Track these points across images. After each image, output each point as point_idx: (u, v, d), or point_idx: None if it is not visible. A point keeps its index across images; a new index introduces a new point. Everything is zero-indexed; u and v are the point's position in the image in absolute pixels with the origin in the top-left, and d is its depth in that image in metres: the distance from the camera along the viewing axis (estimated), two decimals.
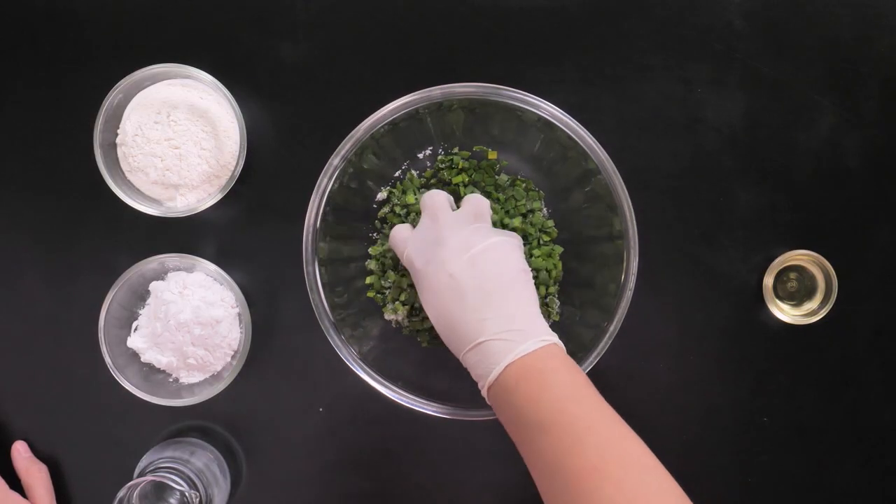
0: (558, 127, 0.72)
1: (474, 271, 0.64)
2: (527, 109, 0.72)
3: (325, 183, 0.72)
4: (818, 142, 0.82)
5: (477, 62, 0.82)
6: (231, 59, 0.81)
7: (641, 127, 0.82)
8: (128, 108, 0.79)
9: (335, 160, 0.72)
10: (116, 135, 0.79)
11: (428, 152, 0.80)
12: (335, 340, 0.72)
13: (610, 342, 0.72)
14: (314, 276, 0.72)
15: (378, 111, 0.71)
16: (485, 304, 0.63)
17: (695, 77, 0.81)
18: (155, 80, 0.79)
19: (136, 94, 0.79)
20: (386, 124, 0.72)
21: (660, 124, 0.82)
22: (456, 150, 0.80)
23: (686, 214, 0.82)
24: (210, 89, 0.78)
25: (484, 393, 0.63)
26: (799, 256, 0.81)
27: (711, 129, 0.82)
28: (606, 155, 0.71)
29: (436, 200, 0.69)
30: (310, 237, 0.72)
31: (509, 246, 0.66)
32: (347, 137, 0.72)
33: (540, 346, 0.61)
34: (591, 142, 0.71)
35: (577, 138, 0.71)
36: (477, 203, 0.70)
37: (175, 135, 0.77)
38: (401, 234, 0.70)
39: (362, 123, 0.72)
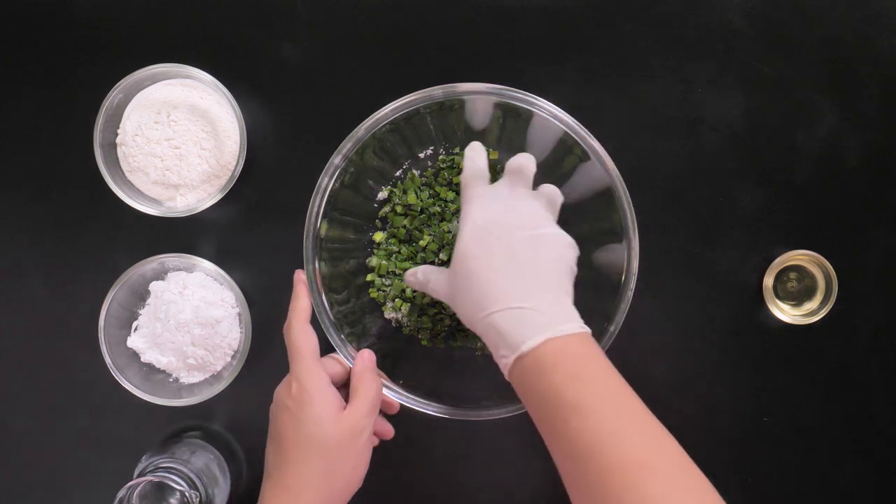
0: (560, 128, 0.72)
1: (535, 245, 0.64)
2: (528, 109, 0.72)
3: (327, 182, 0.72)
4: (818, 142, 0.82)
5: (477, 62, 0.82)
6: (231, 59, 0.81)
7: (641, 127, 0.82)
8: (128, 108, 0.79)
9: (336, 159, 0.72)
10: (116, 135, 0.79)
11: (429, 152, 0.80)
12: (335, 339, 0.72)
13: (610, 342, 0.72)
14: (314, 274, 0.72)
15: (380, 110, 0.71)
16: (533, 275, 0.62)
17: (695, 77, 0.81)
18: (155, 80, 0.79)
19: (136, 94, 0.79)
20: (387, 123, 0.72)
21: (660, 124, 0.82)
22: (457, 149, 0.80)
23: (686, 214, 0.82)
24: (210, 89, 0.78)
25: (508, 361, 0.61)
26: (799, 256, 0.81)
27: (711, 129, 0.82)
28: (608, 156, 0.71)
29: (524, 169, 0.68)
30: (310, 236, 0.72)
31: (571, 245, 0.67)
32: (349, 136, 0.72)
33: (580, 329, 0.61)
34: (593, 143, 0.71)
35: (578, 139, 0.71)
36: (554, 194, 0.69)
37: (175, 135, 0.77)
38: (478, 181, 0.68)
39: (364, 122, 0.72)
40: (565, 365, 0.59)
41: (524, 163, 0.68)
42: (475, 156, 0.70)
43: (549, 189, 0.70)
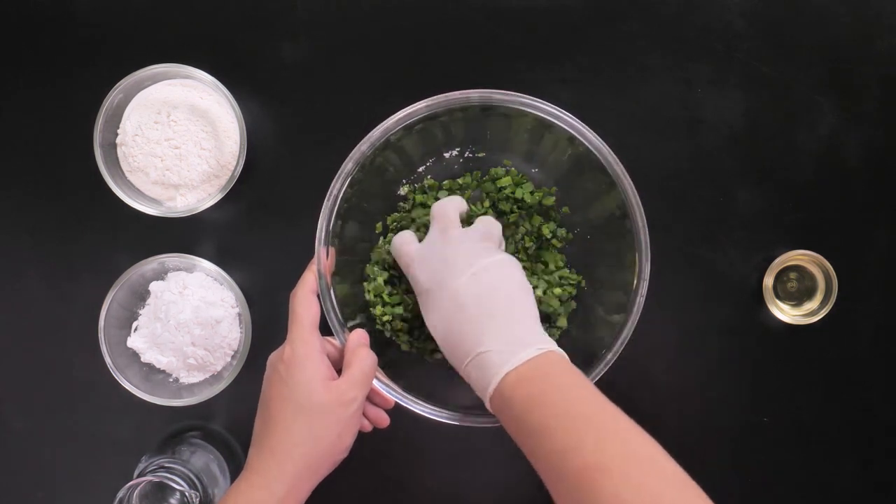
0: (582, 143, 0.71)
1: (476, 287, 0.65)
2: (556, 124, 0.71)
3: (351, 167, 0.71)
4: (818, 142, 0.82)
5: (477, 62, 0.82)
6: (231, 59, 0.81)
7: (641, 127, 0.82)
8: (128, 108, 0.79)
9: (364, 146, 0.71)
10: (116, 135, 0.79)
11: (454, 153, 0.79)
12: (335, 325, 0.71)
13: (623, 347, 0.71)
14: (321, 258, 0.70)
15: (413, 105, 0.70)
16: (485, 317, 0.64)
17: (695, 77, 0.81)
18: (155, 80, 0.79)
19: (136, 94, 0.79)
20: (418, 120, 0.71)
21: (660, 124, 0.82)
22: (482, 154, 0.79)
23: (686, 214, 0.82)
24: (210, 89, 0.78)
25: (487, 405, 0.63)
26: (799, 256, 0.81)
27: (711, 129, 0.82)
28: (623, 169, 0.71)
29: (448, 212, 0.70)
30: (326, 215, 0.70)
31: (511, 264, 0.68)
32: (377, 127, 0.70)
33: (536, 353, 0.61)
34: (608, 155, 0.70)
35: (596, 151, 0.70)
36: (489, 224, 0.71)
37: (175, 135, 0.78)
38: (407, 248, 0.71)
39: (396, 114, 0.70)
40: (522, 392, 0.60)
41: (446, 207, 0.70)
42: (400, 239, 0.72)
43: (484, 222, 0.71)
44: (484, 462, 0.82)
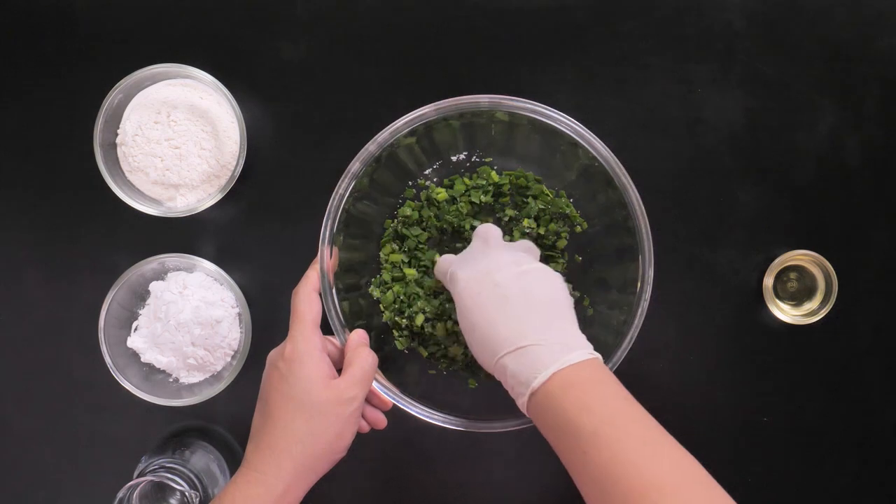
0: (589, 151, 0.71)
1: (521, 284, 0.64)
2: (564, 132, 0.71)
3: (358, 167, 0.71)
4: (818, 142, 0.82)
5: (477, 62, 0.82)
6: (231, 59, 0.81)
7: (641, 127, 0.82)
8: (128, 108, 0.79)
9: (371, 146, 0.71)
10: (116, 135, 0.79)
11: (462, 156, 0.79)
12: (335, 323, 0.71)
13: (628, 349, 0.71)
14: (324, 257, 0.70)
15: (422, 108, 0.70)
16: (529, 312, 0.63)
17: (695, 77, 0.81)
18: (155, 80, 0.79)
19: (136, 94, 0.79)
20: (425, 123, 0.71)
21: (660, 124, 0.82)
22: (489, 159, 0.79)
23: (686, 214, 0.82)
24: (210, 89, 0.78)
25: (523, 400, 0.61)
26: (799, 256, 0.81)
27: (711, 129, 0.82)
28: (630, 180, 0.71)
29: (490, 230, 0.71)
30: (331, 214, 0.70)
31: (555, 274, 0.67)
32: (385, 128, 0.71)
33: (587, 357, 0.61)
34: (615, 166, 0.71)
35: (604, 161, 0.71)
36: (530, 245, 0.72)
37: (175, 135, 0.77)
38: (447, 259, 0.71)
39: (404, 116, 0.70)
40: (575, 394, 0.58)
41: (488, 227, 0.71)
42: (442, 259, 0.72)
43: (525, 242, 0.73)
44: (483, 463, 0.82)
